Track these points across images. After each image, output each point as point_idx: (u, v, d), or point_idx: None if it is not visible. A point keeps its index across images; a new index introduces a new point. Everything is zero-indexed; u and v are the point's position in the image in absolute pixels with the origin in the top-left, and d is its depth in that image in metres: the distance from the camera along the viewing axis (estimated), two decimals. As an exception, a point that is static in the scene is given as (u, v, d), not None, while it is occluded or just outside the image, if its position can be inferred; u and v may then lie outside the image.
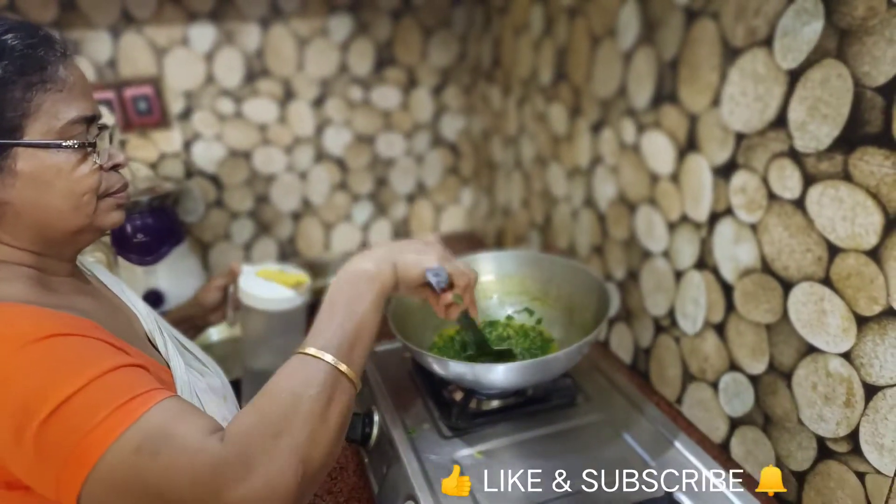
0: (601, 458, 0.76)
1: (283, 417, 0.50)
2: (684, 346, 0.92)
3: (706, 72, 0.79)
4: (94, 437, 0.45)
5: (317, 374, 0.54)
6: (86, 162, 0.57)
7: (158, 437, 0.46)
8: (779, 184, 0.71)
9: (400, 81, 1.50)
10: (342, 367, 0.56)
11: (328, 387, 0.54)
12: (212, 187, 1.43)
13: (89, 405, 0.46)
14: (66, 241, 0.60)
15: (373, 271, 0.64)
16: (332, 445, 0.53)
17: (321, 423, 0.52)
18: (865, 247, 0.62)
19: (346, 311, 0.60)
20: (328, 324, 0.59)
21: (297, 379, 0.54)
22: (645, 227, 0.97)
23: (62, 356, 0.49)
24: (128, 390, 0.48)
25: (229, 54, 1.33)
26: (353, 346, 0.58)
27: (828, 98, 0.63)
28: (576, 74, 1.09)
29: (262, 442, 0.48)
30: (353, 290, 0.62)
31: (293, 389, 0.53)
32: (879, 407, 0.62)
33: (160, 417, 0.47)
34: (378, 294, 0.63)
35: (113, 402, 0.46)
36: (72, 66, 0.57)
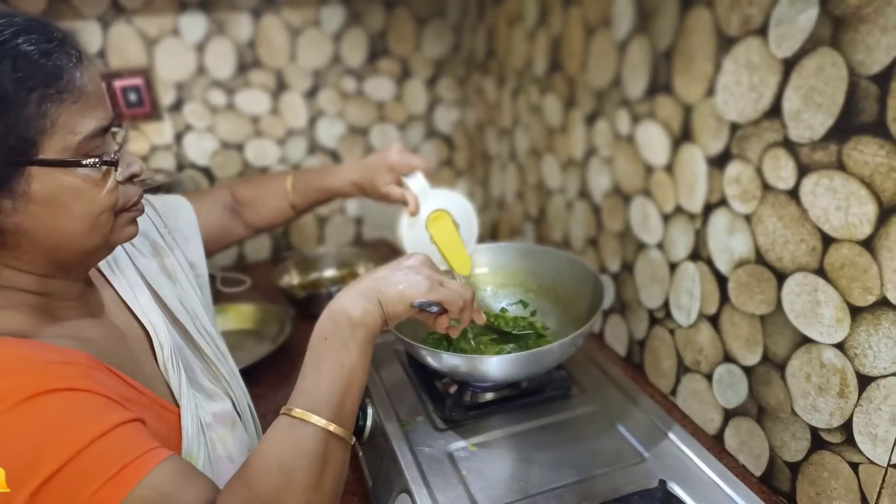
0: (595, 449, 0.76)
1: (275, 493, 0.49)
2: (679, 338, 0.92)
3: (701, 61, 0.78)
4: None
5: (306, 441, 0.52)
6: (106, 180, 0.52)
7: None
8: (773, 174, 0.70)
9: (393, 72, 1.49)
10: (332, 427, 0.53)
11: (320, 453, 0.52)
12: (204, 180, 1.42)
13: (79, 477, 0.44)
14: (78, 263, 0.56)
15: (357, 316, 0.58)
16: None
17: (316, 491, 0.50)
18: (859, 237, 0.61)
19: (333, 364, 0.56)
20: (315, 380, 0.55)
21: (286, 447, 0.51)
22: (639, 219, 0.96)
23: (48, 421, 0.46)
24: (120, 457, 0.46)
25: (221, 45, 1.32)
26: (342, 402, 0.55)
27: (822, 87, 0.63)
28: (570, 65, 1.08)
29: None
30: (337, 340, 0.57)
31: (283, 461, 0.50)
32: (873, 397, 0.62)
33: (151, 491, 0.46)
34: (363, 341, 0.58)
35: (104, 473, 0.45)
36: (87, 71, 0.52)
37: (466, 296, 0.66)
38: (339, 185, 0.92)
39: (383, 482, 0.76)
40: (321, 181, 0.94)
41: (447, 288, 0.64)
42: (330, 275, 1.40)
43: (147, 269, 0.70)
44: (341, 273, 1.41)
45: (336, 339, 0.57)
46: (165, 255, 0.75)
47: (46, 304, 0.55)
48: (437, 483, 0.71)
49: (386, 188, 0.88)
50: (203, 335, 0.73)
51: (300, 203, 0.94)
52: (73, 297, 0.58)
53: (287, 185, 0.94)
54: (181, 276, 0.75)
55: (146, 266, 0.71)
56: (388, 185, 0.88)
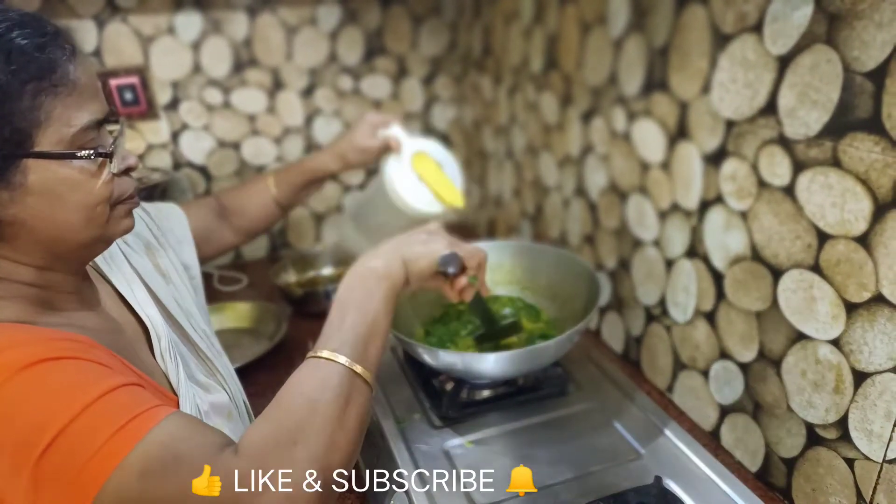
0: (592, 446, 0.76)
1: (299, 425, 0.49)
2: (675, 335, 0.92)
3: (696, 58, 0.78)
4: (94, 465, 0.43)
5: (332, 377, 0.53)
6: (101, 171, 0.53)
7: (165, 458, 0.44)
8: (768, 171, 0.70)
9: (390, 71, 1.49)
10: (357, 368, 0.54)
11: (344, 390, 0.52)
12: (201, 179, 1.42)
13: (87, 431, 0.44)
14: (75, 255, 0.56)
15: (382, 270, 0.62)
16: (351, 450, 0.52)
17: (339, 427, 0.50)
18: (855, 233, 0.61)
19: (358, 311, 0.58)
20: (339, 325, 0.57)
21: (312, 384, 0.53)
22: (636, 216, 0.96)
23: (54, 384, 0.46)
24: (126, 411, 0.45)
25: (216, 43, 1.32)
26: (366, 346, 0.57)
27: (817, 84, 0.63)
28: (567, 62, 1.08)
29: (279, 453, 0.47)
30: (363, 290, 0.60)
31: (308, 395, 0.51)
32: (868, 393, 0.62)
33: (165, 437, 0.45)
34: (388, 292, 0.61)
35: (112, 425, 0.44)
36: (81, 64, 0.52)
37: (482, 254, 0.73)
38: (319, 162, 0.95)
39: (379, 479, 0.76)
40: (303, 166, 0.96)
41: (464, 247, 0.71)
42: (327, 273, 1.40)
43: (141, 267, 0.71)
44: (339, 271, 1.40)
45: (361, 290, 0.60)
46: (159, 255, 0.75)
47: (45, 296, 0.55)
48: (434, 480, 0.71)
49: (365, 141, 0.92)
50: (198, 332, 0.73)
51: (284, 196, 0.96)
52: (70, 290, 0.58)
53: (269, 182, 0.96)
54: (175, 276, 0.76)
55: (141, 264, 0.71)
56: (367, 138, 0.92)
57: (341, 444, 0.50)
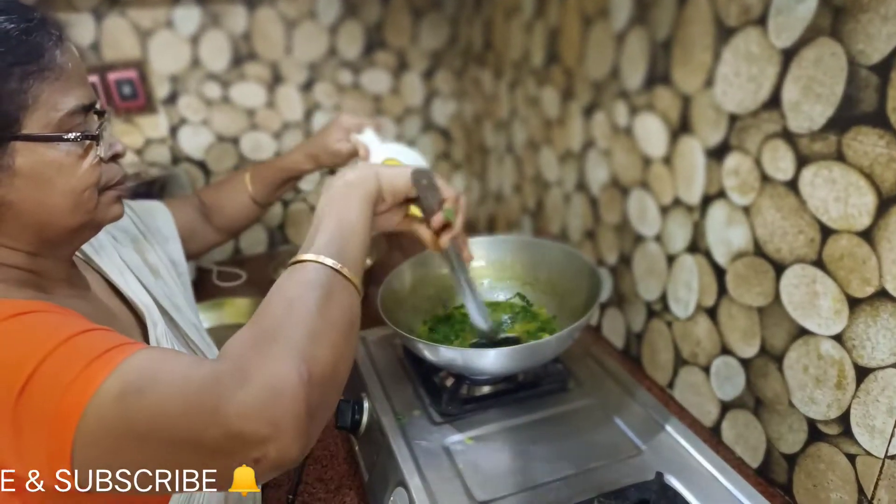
0: (593, 442, 0.76)
1: (277, 322, 0.48)
2: (676, 331, 0.91)
3: (699, 52, 0.77)
4: (72, 394, 0.42)
5: (309, 275, 0.52)
6: (88, 155, 0.53)
7: (142, 379, 0.43)
8: (772, 165, 0.70)
9: (390, 65, 1.48)
10: (333, 263, 0.54)
11: (323, 285, 0.52)
12: (200, 173, 1.42)
13: (63, 364, 0.43)
14: (64, 240, 0.57)
15: (354, 179, 0.63)
16: (337, 343, 0.50)
17: (320, 319, 0.49)
18: (858, 228, 0.61)
19: (332, 217, 0.59)
20: (315, 233, 0.58)
21: (289, 285, 0.52)
22: (637, 211, 0.96)
23: (31, 329, 0.46)
24: (101, 344, 0.45)
25: (215, 37, 1.31)
26: (343, 246, 0.56)
27: (822, 77, 0.62)
28: (568, 56, 1.07)
29: (257, 349, 0.45)
30: (337, 199, 0.61)
31: (286, 295, 0.51)
32: (871, 389, 0.62)
33: (140, 363, 0.44)
34: (363, 199, 0.61)
35: (87, 356, 0.43)
36: (68, 50, 0.53)
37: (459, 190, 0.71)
38: (292, 161, 0.94)
39: (379, 476, 0.75)
40: (276, 164, 0.96)
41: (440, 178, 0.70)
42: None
43: (131, 260, 0.72)
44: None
45: (335, 200, 0.60)
46: (146, 250, 0.76)
47: (35, 280, 0.56)
48: (434, 477, 0.70)
49: (336, 145, 0.91)
50: (189, 326, 0.73)
51: (260, 194, 0.95)
52: (61, 277, 0.59)
53: (246, 180, 0.95)
54: (163, 271, 0.76)
55: (130, 257, 0.72)
56: (338, 142, 0.91)
57: (324, 336, 0.48)
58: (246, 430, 0.41)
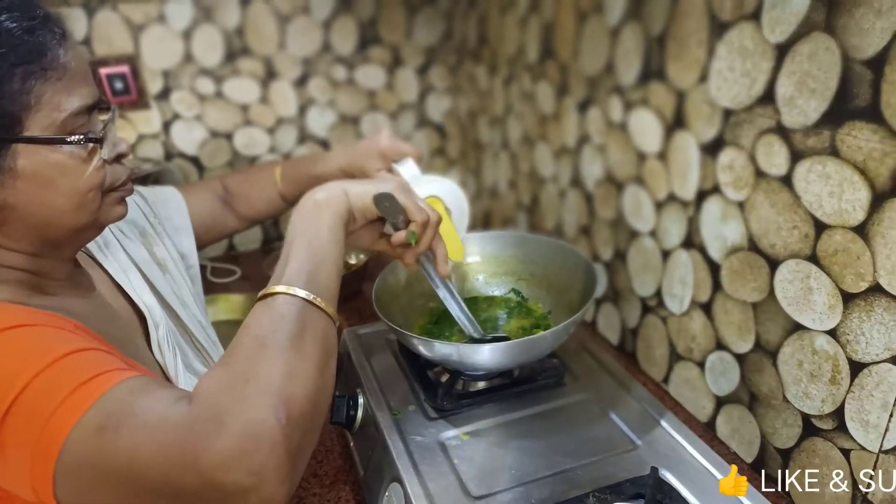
0: (588, 437, 0.76)
1: (249, 362, 0.46)
2: (671, 326, 0.92)
3: (694, 47, 0.77)
4: (55, 422, 0.41)
5: (279, 309, 0.50)
6: (92, 157, 0.52)
7: (121, 413, 0.42)
8: (766, 160, 0.70)
9: (384, 61, 1.47)
10: (304, 293, 0.51)
11: (295, 318, 0.50)
12: (193, 169, 1.41)
13: (49, 387, 0.42)
14: (67, 241, 0.56)
15: (323, 199, 0.60)
16: (314, 377, 0.47)
17: (295, 356, 0.47)
18: (852, 223, 0.61)
19: (303, 242, 0.56)
20: (285, 262, 0.55)
21: (260, 320, 0.50)
22: (632, 207, 0.96)
23: (21, 346, 0.45)
24: (91, 368, 0.44)
25: (208, 32, 1.30)
26: (315, 272, 0.54)
27: (816, 72, 0.62)
28: (563, 52, 1.07)
29: (231, 392, 0.43)
30: (306, 221, 0.58)
31: (256, 332, 0.49)
32: (865, 384, 0.62)
33: (122, 394, 0.43)
34: (332, 219, 0.59)
35: (74, 381, 0.42)
36: (71, 48, 0.52)
37: (432, 216, 0.66)
38: (327, 172, 0.91)
39: (374, 471, 0.75)
40: (309, 169, 0.92)
41: (415, 198, 0.65)
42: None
43: (137, 255, 0.70)
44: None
45: (304, 222, 0.58)
46: (154, 244, 0.74)
47: (36, 281, 0.55)
48: (429, 472, 0.70)
49: (376, 174, 0.85)
50: (194, 323, 0.72)
51: (290, 192, 0.93)
52: (62, 277, 0.58)
53: (276, 175, 0.93)
54: (171, 265, 0.75)
55: (136, 252, 0.70)
56: (378, 171, 0.86)
57: (300, 372, 0.46)
58: (226, 481, 0.40)
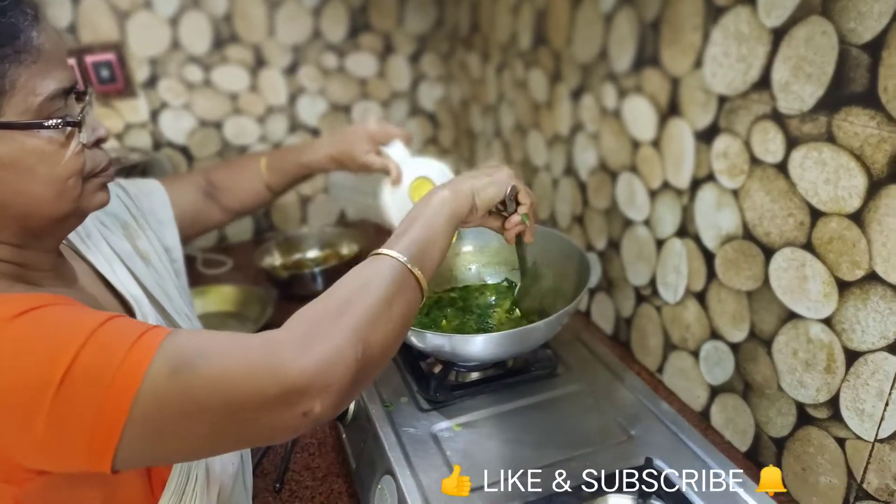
0: (582, 427, 0.76)
1: (349, 299, 0.51)
2: (665, 316, 0.91)
3: (688, 32, 0.76)
4: (121, 379, 0.42)
5: (387, 269, 0.55)
6: (70, 142, 0.51)
7: (191, 353, 0.44)
8: (761, 147, 0.69)
9: (375, 48, 1.45)
10: (413, 267, 0.56)
11: (397, 280, 0.54)
12: (182, 159, 1.39)
13: (100, 355, 0.43)
14: (49, 230, 0.54)
15: (449, 196, 0.64)
16: (393, 334, 0.53)
17: (386, 307, 0.52)
18: (848, 210, 0.60)
19: (422, 226, 0.61)
20: (403, 234, 0.60)
21: (368, 271, 0.55)
22: (626, 196, 0.95)
23: (50, 324, 0.45)
24: (133, 330, 0.45)
25: (195, 18, 1.28)
26: (424, 254, 0.59)
27: (812, 57, 0.61)
28: (556, 38, 1.05)
29: (324, 320, 0.48)
30: (430, 209, 0.63)
31: (362, 277, 0.54)
32: (860, 372, 0.62)
33: (181, 340, 0.46)
34: (452, 215, 0.63)
35: (125, 342, 0.44)
36: (45, 30, 0.50)
37: (534, 196, 0.74)
38: (315, 160, 0.90)
39: (367, 464, 0.75)
40: (296, 158, 0.91)
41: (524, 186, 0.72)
42: (313, 255, 1.38)
43: (120, 248, 0.69)
44: (324, 254, 1.38)
45: (429, 209, 0.63)
46: (137, 237, 0.73)
47: (21, 273, 0.54)
48: (421, 464, 0.70)
49: (365, 157, 0.86)
50: (181, 316, 0.71)
51: (276, 183, 0.92)
52: (47, 268, 0.57)
53: (262, 166, 0.92)
54: (155, 258, 0.74)
55: (119, 245, 0.69)
56: (367, 153, 0.86)
57: (384, 324, 0.51)
58: (304, 386, 0.45)
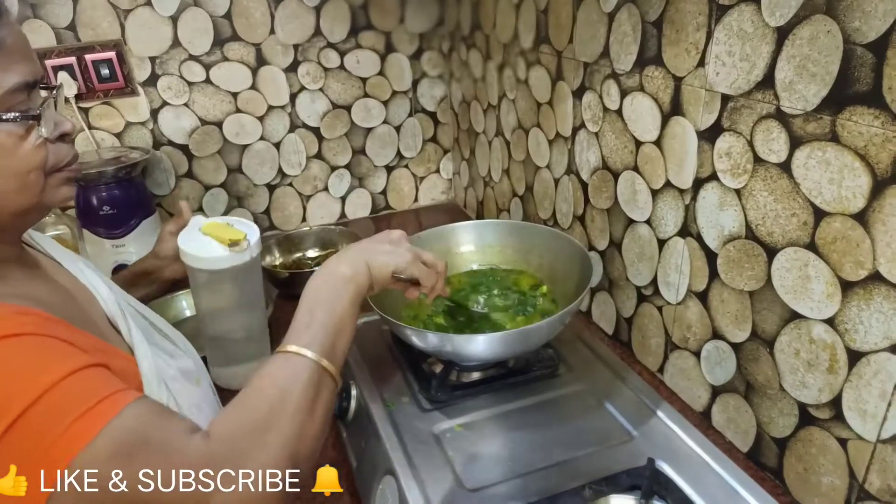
0: (584, 427, 0.75)
1: (272, 412, 0.49)
2: (667, 315, 0.91)
3: (691, 31, 0.76)
4: (59, 448, 0.41)
5: (302, 371, 0.54)
6: (30, 136, 0.51)
7: (136, 441, 0.44)
8: (764, 147, 0.69)
9: (376, 47, 1.45)
10: (325, 363, 0.55)
11: (314, 383, 0.53)
12: (182, 158, 1.39)
13: (51, 414, 0.42)
14: (10, 224, 0.54)
15: (349, 274, 0.63)
16: (318, 440, 0.53)
17: (308, 417, 0.51)
18: (852, 210, 0.60)
19: (325, 311, 0.59)
20: (309, 323, 0.58)
21: (283, 375, 0.53)
22: (628, 195, 0.95)
23: (14, 362, 0.44)
24: (92, 394, 0.44)
25: (196, 17, 1.28)
26: (334, 344, 0.58)
27: (816, 56, 0.61)
28: (558, 37, 1.05)
29: (251, 438, 0.47)
30: (331, 291, 0.61)
31: (280, 385, 0.52)
32: (863, 373, 0.62)
33: (133, 421, 0.44)
34: (354, 295, 0.62)
35: (78, 408, 0.43)
36: (7, 24, 0.50)
37: (439, 268, 0.72)
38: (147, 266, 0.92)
39: (368, 463, 0.74)
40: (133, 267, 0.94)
41: (424, 264, 0.70)
42: (313, 254, 1.38)
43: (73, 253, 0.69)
44: (324, 253, 1.38)
45: (328, 292, 0.61)
46: None
47: None
48: (423, 464, 0.70)
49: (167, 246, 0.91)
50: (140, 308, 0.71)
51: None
52: (11, 260, 0.57)
53: None
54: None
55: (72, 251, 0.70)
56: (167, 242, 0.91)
57: (310, 434, 0.51)
58: None
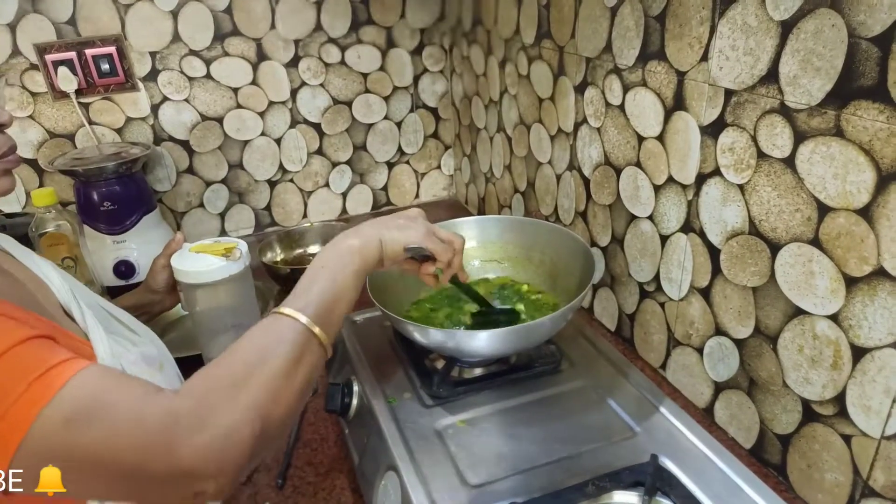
0: (586, 424, 0.75)
1: (247, 371, 0.49)
2: (669, 311, 0.90)
3: (695, 25, 0.75)
4: (11, 418, 0.40)
5: (288, 333, 0.53)
6: None
7: (90, 405, 0.42)
8: (768, 142, 0.68)
9: (377, 42, 1.44)
10: (315, 329, 0.54)
11: (298, 346, 0.53)
12: (183, 153, 1.38)
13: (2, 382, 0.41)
14: None
15: (357, 246, 0.63)
16: (292, 406, 0.52)
17: (285, 380, 0.50)
18: (857, 205, 0.60)
19: (327, 279, 0.59)
20: (307, 289, 0.58)
21: (268, 336, 0.53)
22: (630, 191, 0.94)
23: None
24: (41, 362, 0.43)
25: (196, 11, 1.27)
26: (329, 311, 0.57)
27: (821, 50, 0.61)
28: (560, 32, 1.05)
29: (221, 393, 0.47)
30: (336, 260, 0.61)
31: (262, 344, 0.52)
32: (867, 369, 0.61)
33: (86, 384, 0.43)
34: (360, 266, 0.62)
35: (26, 377, 0.42)
36: None
37: (457, 244, 0.71)
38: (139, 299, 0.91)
39: (370, 459, 0.74)
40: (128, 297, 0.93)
41: (440, 238, 0.69)
42: (314, 250, 1.37)
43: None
44: (326, 249, 1.38)
45: (334, 261, 0.61)
46: None
47: None
48: (425, 460, 0.69)
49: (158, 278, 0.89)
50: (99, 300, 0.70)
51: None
52: None
53: None
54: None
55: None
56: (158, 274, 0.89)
57: (285, 398, 0.50)
58: (196, 468, 0.44)
